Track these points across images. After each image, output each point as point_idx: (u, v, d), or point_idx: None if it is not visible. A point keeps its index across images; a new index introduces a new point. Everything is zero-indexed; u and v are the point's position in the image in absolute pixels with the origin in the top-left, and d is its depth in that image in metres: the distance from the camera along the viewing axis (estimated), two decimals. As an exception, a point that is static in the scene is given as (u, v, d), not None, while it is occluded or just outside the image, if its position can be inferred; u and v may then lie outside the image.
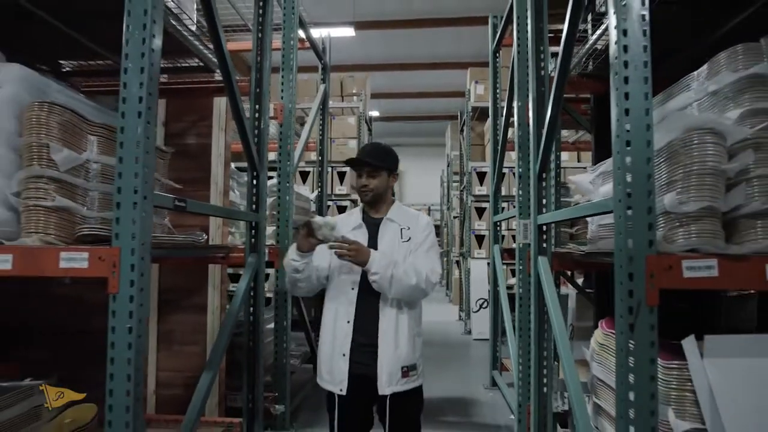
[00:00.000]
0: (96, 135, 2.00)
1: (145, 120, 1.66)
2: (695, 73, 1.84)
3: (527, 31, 3.02)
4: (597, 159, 3.15)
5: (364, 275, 2.05)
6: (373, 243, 2.14)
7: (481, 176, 6.86)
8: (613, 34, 1.60)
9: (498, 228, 4.72)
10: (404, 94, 13.67)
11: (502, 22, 4.54)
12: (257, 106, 2.93)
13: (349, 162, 2.24)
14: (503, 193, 5.16)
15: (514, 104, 3.49)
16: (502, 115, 4.51)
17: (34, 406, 2.45)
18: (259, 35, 2.96)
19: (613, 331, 1.78)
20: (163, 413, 3.03)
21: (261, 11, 2.98)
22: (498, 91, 4.86)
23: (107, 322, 2.74)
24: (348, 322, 2.04)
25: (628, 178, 1.53)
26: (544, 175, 2.77)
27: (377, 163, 2.17)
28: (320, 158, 5.13)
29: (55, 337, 2.83)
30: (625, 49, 1.56)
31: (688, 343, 1.59)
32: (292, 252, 2.09)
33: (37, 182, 1.80)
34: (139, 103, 1.65)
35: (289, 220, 3.52)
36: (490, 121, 5.09)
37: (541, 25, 2.88)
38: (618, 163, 1.56)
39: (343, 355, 2.02)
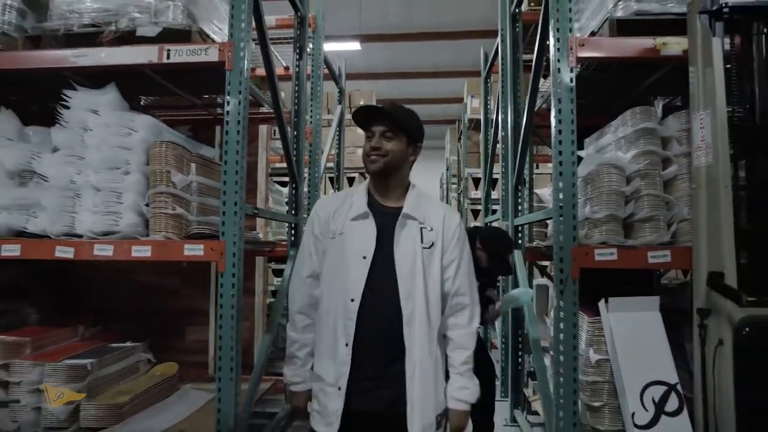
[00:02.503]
0: (194, 162, 2.82)
1: (241, 155, 2.47)
2: (613, 122, 2.65)
3: (507, 69, 3.84)
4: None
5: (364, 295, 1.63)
6: (387, 244, 1.64)
7: (477, 181, 7.65)
8: (552, 100, 2.41)
9: (488, 227, 5.51)
10: (406, 100, 14.38)
11: (492, 54, 5.34)
12: (295, 132, 3.75)
13: (360, 112, 1.71)
14: (495, 197, 5.91)
15: (500, 121, 4.30)
16: (491, 127, 5.30)
17: (134, 362, 3.27)
18: (296, 84, 3.77)
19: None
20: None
21: (297, 68, 3.78)
22: (489, 105, 5.64)
23: (177, 304, 3.55)
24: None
25: (560, 196, 2.34)
26: (519, 187, 3.60)
27: (396, 119, 1.67)
28: (337, 167, 5.95)
29: (140, 316, 3.59)
30: (559, 111, 2.37)
31: (601, 304, 2.40)
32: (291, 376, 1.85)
33: (161, 197, 2.61)
34: (237, 144, 2.46)
35: (317, 221, 4.34)
36: (481, 136, 5.90)
37: (517, 67, 3.68)
38: (554, 186, 2.37)
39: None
